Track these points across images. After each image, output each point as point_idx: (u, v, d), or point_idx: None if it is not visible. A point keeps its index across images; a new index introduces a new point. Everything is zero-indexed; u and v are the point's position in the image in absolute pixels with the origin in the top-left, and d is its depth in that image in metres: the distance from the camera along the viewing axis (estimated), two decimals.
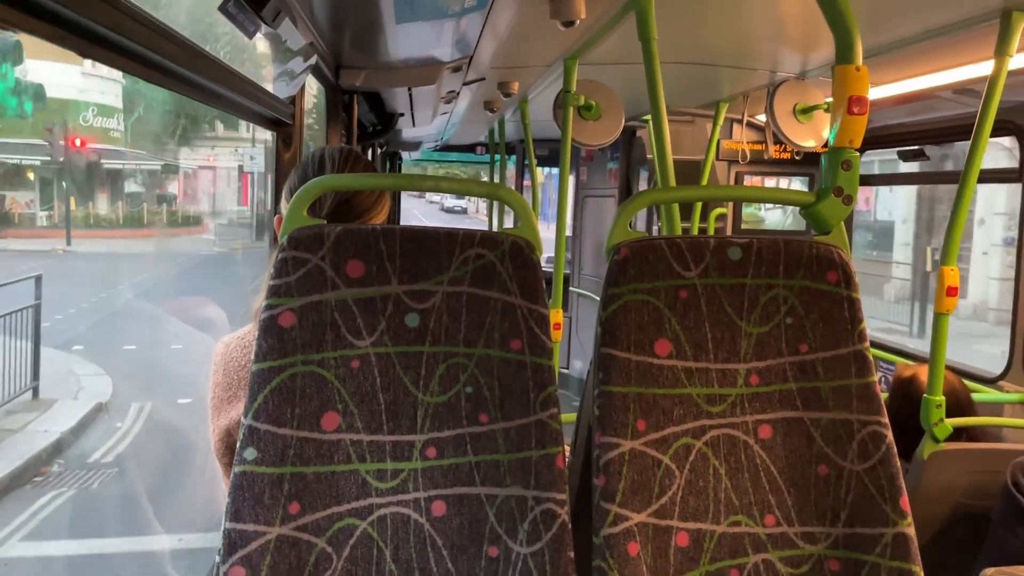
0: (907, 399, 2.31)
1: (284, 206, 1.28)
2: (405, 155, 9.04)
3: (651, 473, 1.23)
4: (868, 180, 4.09)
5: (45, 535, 5.30)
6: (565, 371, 6.21)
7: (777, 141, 3.42)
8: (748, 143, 4.14)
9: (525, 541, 1.16)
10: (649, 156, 4.73)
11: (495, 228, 5.83)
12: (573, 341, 6.29)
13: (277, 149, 2.08)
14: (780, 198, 1.63)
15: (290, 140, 2.06)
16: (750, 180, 4.59)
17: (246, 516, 1.13)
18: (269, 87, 1.96)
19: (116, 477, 6.18)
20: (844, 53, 1.33)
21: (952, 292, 2.15)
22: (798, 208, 1.40)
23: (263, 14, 1.41)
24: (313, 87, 2.83)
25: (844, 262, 1.31)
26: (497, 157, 5.93)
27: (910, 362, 3.50)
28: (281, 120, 2.03)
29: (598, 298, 1.31)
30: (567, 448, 1.77)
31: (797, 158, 4.17)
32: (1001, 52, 2.00)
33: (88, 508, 5.67)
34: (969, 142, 2.14)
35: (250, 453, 1.15)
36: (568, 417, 1.90)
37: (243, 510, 1.13)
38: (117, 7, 0.99)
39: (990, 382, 3.19)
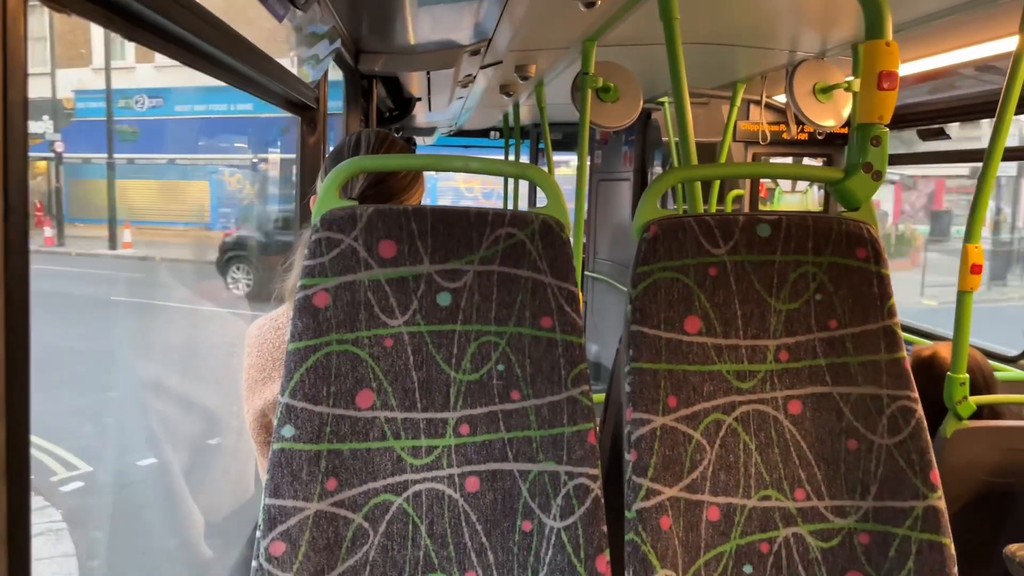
0: (931, 377, 2.31)
1: (319, 186, 1.29)
2: (419, 140, 9.02)
3: (682, 448, 1.25)
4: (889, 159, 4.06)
5: None
6: None
7: (798, 121, 3.40)
8: (767, 123, 4.11)
9: (559, 515, 1.18)
10: (664, 139, 4.70)
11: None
12: (588, 324, 6.29)
13: (302, 133, 2.10)
14: (809, 175, 1.63)
15: (315, 124, 2.08)
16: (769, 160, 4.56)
17: (285, 492, 1.15)
18: None
19: None
20: (874, 28, 1.32)
21: (976, 270, 2.14)
22: (816, 189, 1.40)
23: None
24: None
25: (873, 238, 1.31)
26: (512, 141, 5.91)
27: (927, 342, 3.49)
28: (306, 104, 2.04)
29: (613, 282, 1.33)
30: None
31: (820, 137, 4.14)
32: None
33: None
34: (992, 120, 2.12)
35: (288, 431, 1.17)
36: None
37: (282, 486, 1.15)
38: None
39: (1011, 360, 3.18)
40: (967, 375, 2.14)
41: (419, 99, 3.89)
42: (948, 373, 2.15)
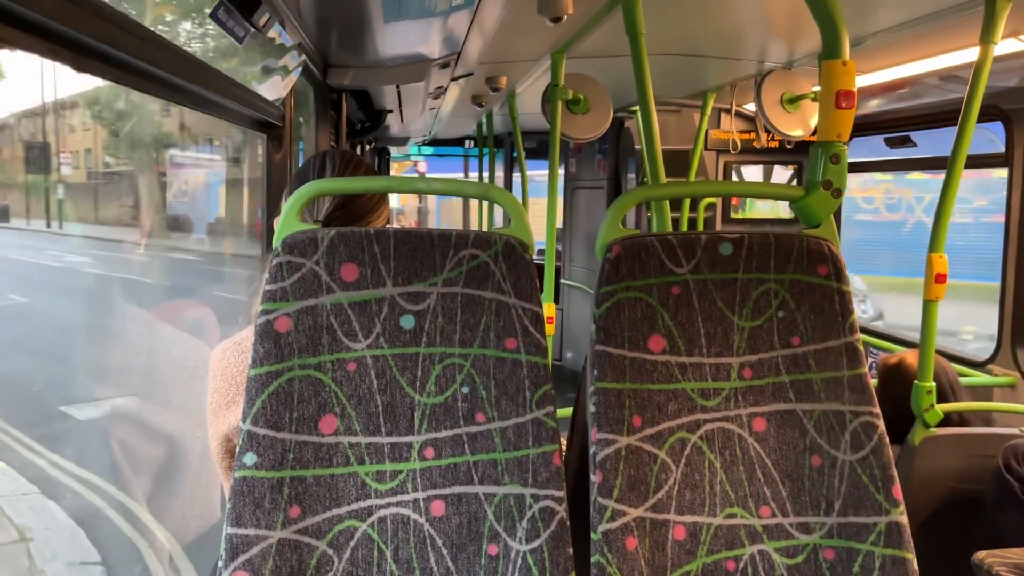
0: (898, 385, 2.33)
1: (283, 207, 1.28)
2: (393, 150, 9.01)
3: (647, 468, 1.25)
4: (853, 167, 4.11)
5: None
6: (558, 363, 6.22)
7: (767, 130, 3.43)
8: (737, 132, 4.14)
9: (524, 539, 1.17)
10: (638, 147, 4.73)
11: (485, 227, 5.81)
12: (565, 333, 6.31)
13: (268, 151, 2.08)
14: (769, 193, 1.65)
15: (280, 142, 2.06)
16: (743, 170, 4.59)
17: (247, 521, 1.14)
18: None
19: None
20: (831, 48, 1.33)
21: (940, 279, 2.16)
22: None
23: (253, 19, 1.41)
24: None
25: (834, 255, 1.32)
26: (486, 151, 5.92)
27: (898, 348, 3.53)
28: (271, 122, 2.03)
29: (589, 289, 1.32)
30: (563, 442, 1.78)
31: (789, 146, 4.18)
32: (986, 39, 2.02)
33: None
34: (955, 128, 2.15)
35: (249, 458, 1.15)
36: (563, 412, 1.91)
37: (244, 515, 1.14)
38: (104, 17, 0.99)
39: (979, 366, 3.22)
40: (934, 383, 2.17)
41: (391, 111, 3.89)
42: (915, 381, 2.17)
